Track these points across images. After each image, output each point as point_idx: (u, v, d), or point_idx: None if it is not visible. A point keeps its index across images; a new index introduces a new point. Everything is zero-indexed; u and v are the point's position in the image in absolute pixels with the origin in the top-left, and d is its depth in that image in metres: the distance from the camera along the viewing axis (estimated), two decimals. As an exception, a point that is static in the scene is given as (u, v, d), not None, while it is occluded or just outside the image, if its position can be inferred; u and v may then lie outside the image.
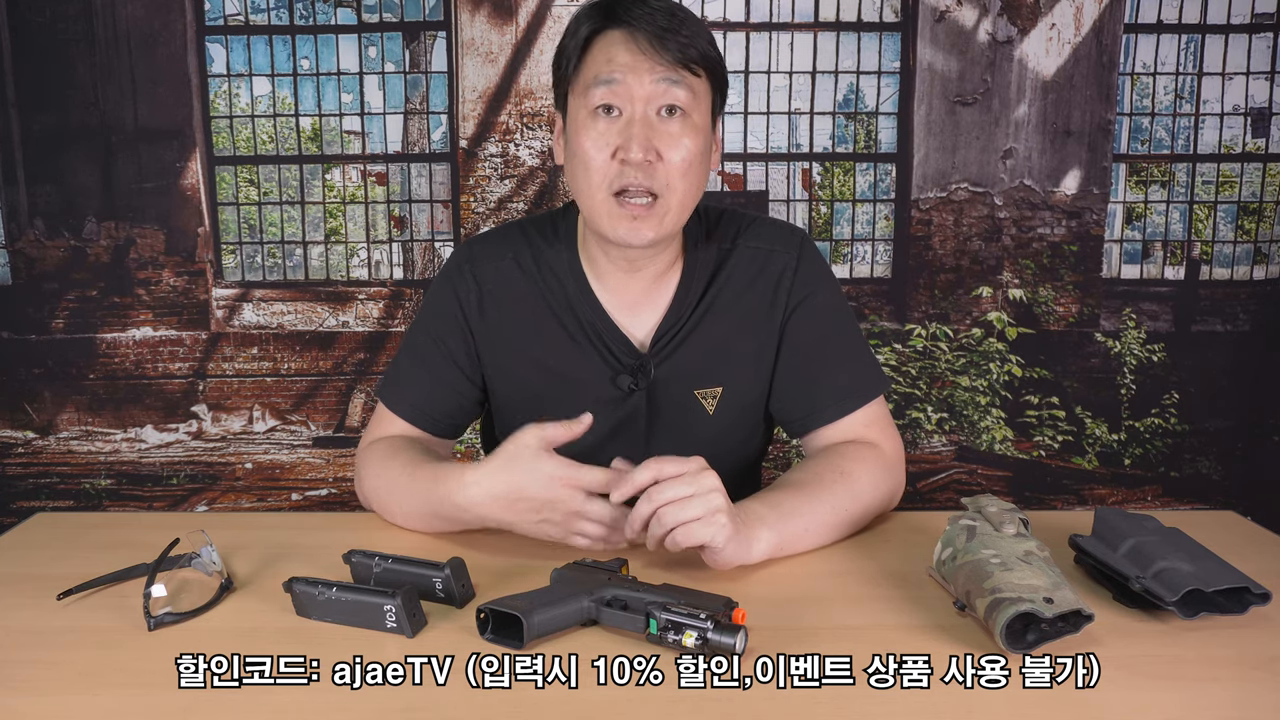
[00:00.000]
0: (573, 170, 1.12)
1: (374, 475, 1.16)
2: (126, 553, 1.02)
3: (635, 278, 1.18)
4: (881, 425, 1.21)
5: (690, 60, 1.06)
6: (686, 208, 1.12)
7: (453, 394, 1.23)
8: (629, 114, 1.07)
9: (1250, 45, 2.81)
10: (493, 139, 2.83)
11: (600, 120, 1.08)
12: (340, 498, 2.96)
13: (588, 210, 1.12)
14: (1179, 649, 0.85)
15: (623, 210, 1.08)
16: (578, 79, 1.10)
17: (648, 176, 1.07)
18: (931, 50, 2.80)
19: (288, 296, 2.90)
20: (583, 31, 1.09)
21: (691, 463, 0.96)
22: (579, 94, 1.10)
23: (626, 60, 1.06)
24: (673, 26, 1.05)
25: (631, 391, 1.19)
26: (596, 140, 1.08)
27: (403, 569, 0.93)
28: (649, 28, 1.05)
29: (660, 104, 1.07)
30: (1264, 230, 2.90)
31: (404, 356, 1.26)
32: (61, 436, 2.90)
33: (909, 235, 2.88)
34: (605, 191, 1.08)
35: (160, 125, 2.78)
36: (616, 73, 1.06)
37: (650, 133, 1.06)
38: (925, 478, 2.95)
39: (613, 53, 1.07)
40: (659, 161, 1.07)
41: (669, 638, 0.82)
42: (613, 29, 1.07)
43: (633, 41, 1.06)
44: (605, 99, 1.07)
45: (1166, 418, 2.94)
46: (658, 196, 1.08)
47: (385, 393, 1.25)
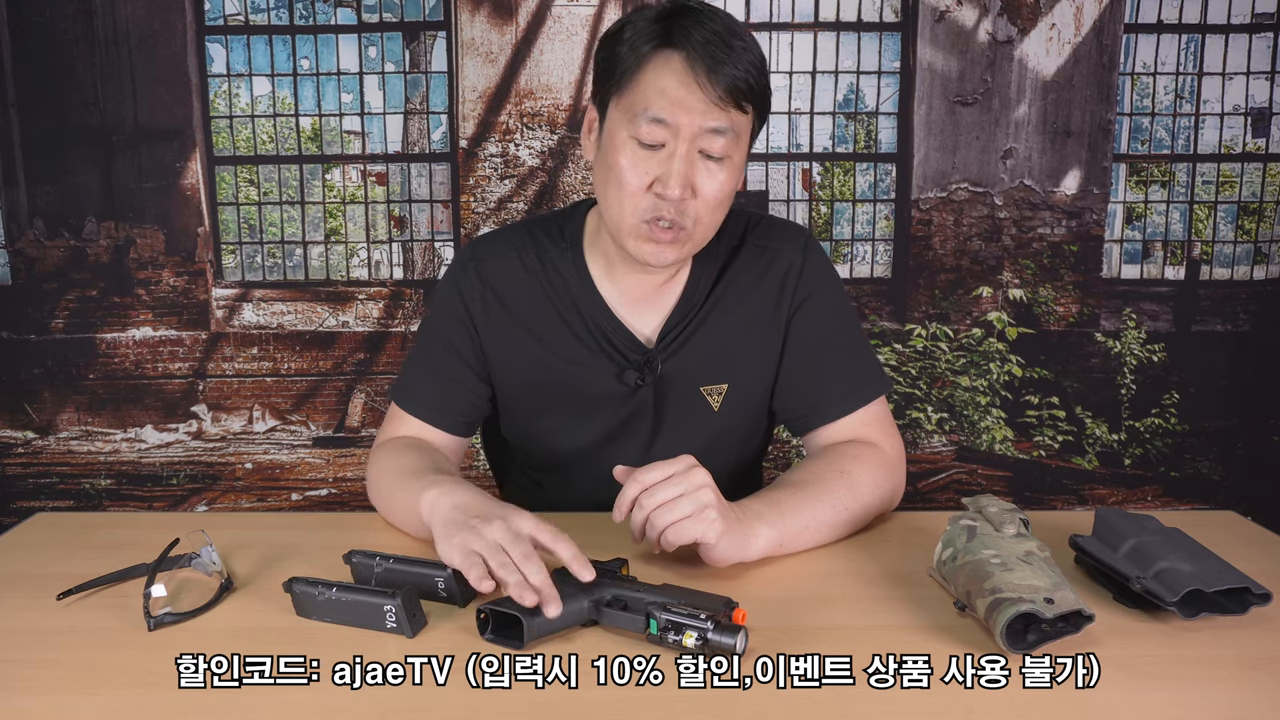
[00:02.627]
0: (604, 182, 1.11)
1: (377, 478, 1.17)
2: (126, 553, 1.02)
3: (647, 279, 1.19)
4: (883, 425, 1.21)
5: (739, 97, 1.05)
6: (708, 236, 1.13)
7: (463, 391, 1.24)
8: (672, 149, 1.06)
9: (1250, 45, 2.81)
10: (493, 139, 2.83)
11: (642, 149, 1.07)
12: (340, 498, 2.96)
13: (614, 225, 1.11)
14: (1179, 649, 0.85)
15: (650, 233, 1.08)
16: (625, 95, 1.07)
17: (680, 213, 1.07)
18: (931, 50, 2.80)
19: (288, 296, 2.90)
20: (643, 49, 1.06)
21: (679, 462, 0.96)
22: (623, 110, 1.07)
23: (678, 96, 1.04)
24: (728, 57, 1.03)
25: (638, 387, 1.20)
26: (636, 167, 1.07)
27: (404, 569, 0.93)
28: (705, 58, 1.03)
29: (703, 146, 1.06)
30: (1264, 230, 2.90)
31: (414, 357, 1.27)
32: (61, 436, 2.90)
33: (909, 235, 2.88)
34: (636, 218, 1.08)
35: (160, 125, 2.78)
36: (666, 112, 1.04)
37: (690, 170, 1.06)
38: (925, 478, 2.95)
39: (665, 84, 1.04)
40: (693, 198, 1.07)
41: (669, 638, 0.82)
42: (670, 50, 1.05)
43: (688, 73, 1.04)
44: (651, 137, 1.05)
45: (1166, 418, 2.94)
46: (684, 228, 1.09)
47: (396, 393, 1.26)
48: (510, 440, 1.34)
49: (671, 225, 1.07)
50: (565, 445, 1.25)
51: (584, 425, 1.23)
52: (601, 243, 1.20)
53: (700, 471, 0.95)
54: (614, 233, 1.12)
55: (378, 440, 1.25)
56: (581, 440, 1.24)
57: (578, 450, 1.25)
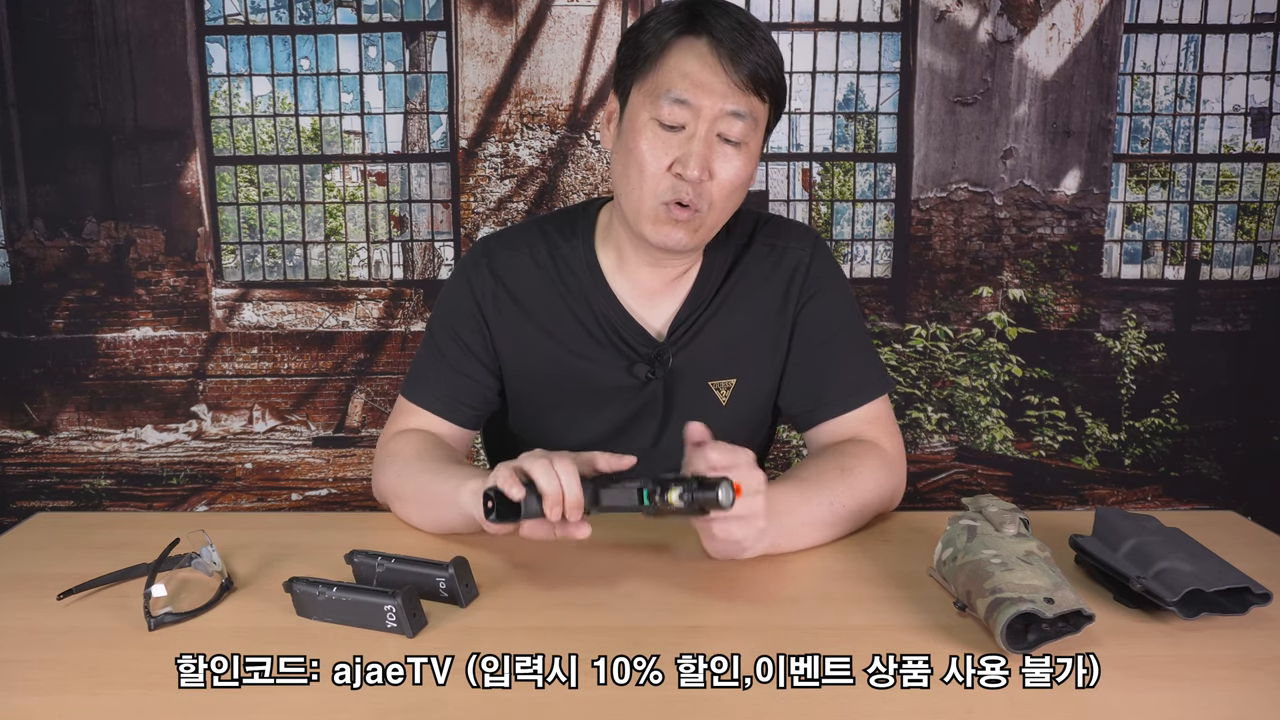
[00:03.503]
0: (624, 166, 1.13)
1: (395, 474, 1.16)
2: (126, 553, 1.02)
3: (658, 272, 1.20)
4: (885, 424, 1.22)
5: (759, 84, 1.08)
6: (721, 223, 1.16)
7: (472, 383, 1.24)
8: (692, 130, 1.08)
9: (1250, 45, 2.81)
10: (492, 139, 2.83)
11: (662, 131, 1.09)
12: (340, 498, 2.96)
13: (632, 209, 1.13)
14: (1179, 649, 0.85)
15: (668, 215, 1.10)
16: (648, 79, 1.10)
17: (697, 195, 1.09)
18: (931, 50, 2.80)
19: (288, 296, 2.90)
20: (666, 35, 1.09)
21: (743, 453, 0.95)
22: (645, 94, 1.10)
23: (701, 79, 1.07)
24: (750, 45, 1.07)
25: (648, 380, 1.21)
26: (656, 148, 1.09)
27: (406, 569, 0.93)
28: (729, 43, 1.06)
29: (722, 130, 1.09)
30: (1264, 230, 2.90)
31: (423, 352, 1.28)
32: (61, 436, 2.90)
33: (909, 235, 2.88)
34: (655, 200, 1.10)
35: (160, 125, 2.78)
36: (688, 93, 1.07)
37: (709, 152, 1.09)
38: (925, 478, 2.95)
39: (688, 67, 1.07)
40: (709, 180, 1.09)
41: (658, 500, 0.86)
42: (693, 37, 1.08)
43: (711, 56, 1.07)
44: (672, 118, 1.08)
45: (1166, 418, 2.94)
46: (699, 210, 1.11)
47: (407, 388, 1.26)
48: (518, 434, 1.34)
49: (687, 206, 1.09)
50: (574, 438, 1.25)
51: (594, 418, 1.24)
52: (614, 236, 1.21)
53: (760, 474, 0.95)
54: (633, 218, 1.14)
55: (385, 435, 1.24)
56: (590, 433, 1.24)
57: (586, 443, 1.24)
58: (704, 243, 1.16)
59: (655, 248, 1.13)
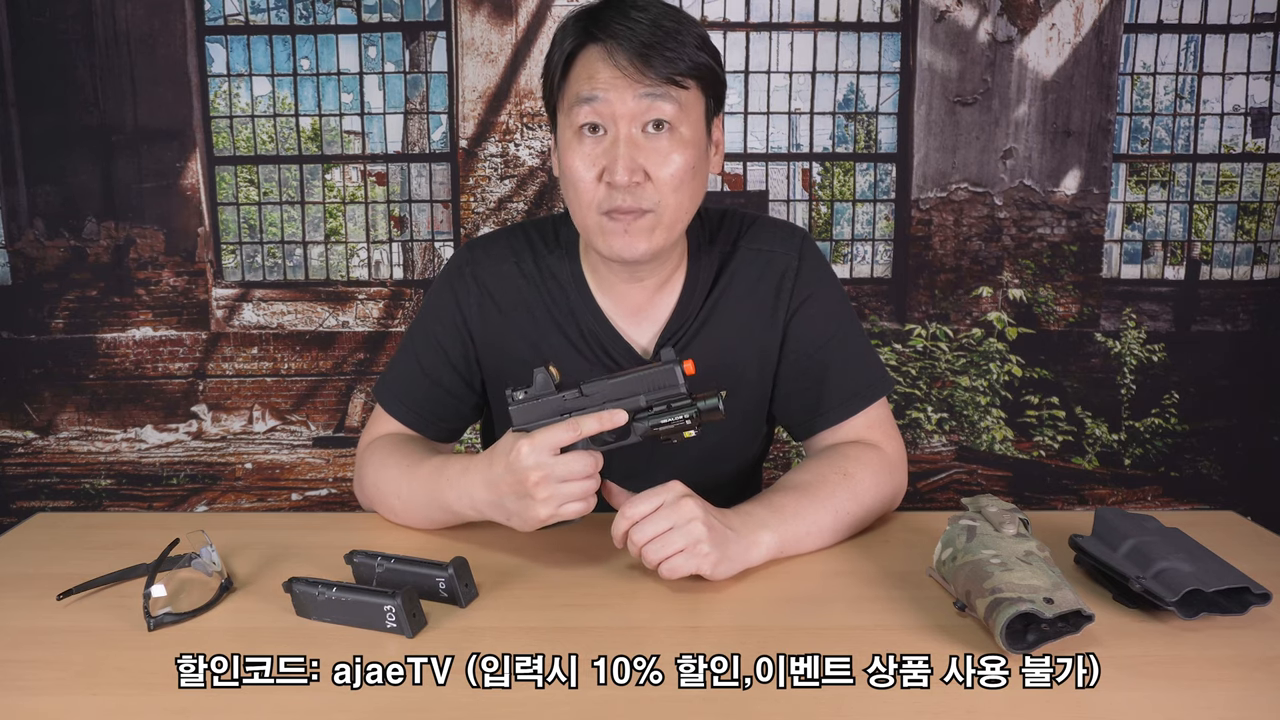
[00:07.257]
0: (565, 188, 1.11)
1: (374, 472, 1.16)
2: (126, 553, 1.02)
3: (638, 287, 1.17)
4: (884, 426, 1.21)
5: (676, 74, 1.03)
6: (680, 221, 1.10)
7: (449, 397, 1.23)
8: (613, 134, 1.04)
9: (1250, 45, 2.81)
10: (493, 139, 2.83)
11: (586, 140, 1.06)
12: (340, 498, 2.96)
13: (582, 229, 1.11)
14: (1179, 649, 0.85)
15: (614, 224, 1.07)
16: (563, 96, 1.08)
17: (636, 198, 1.05)
18: (931, 50, 2.80)
19: (288, 296, 2.90)
20: (566, 46, 1.06)
21: (668, 490, 0.96)
22: (565, 111, 1.08)
23: (608, 76, 1.03)
24: (656, 41, 1.02)
25: None
26: (584, 160, 1.06)
27: (405, 569, 0.93)
28: (630, 45, 1.02)
29: (645, 120, 1.04)
30: (1264, 230, 2.90)
31: (402, 357, 1.26)
32: (61, 436, 2.90)
33: (909, 235, 2.88)
34: (595, 212, 1.07)
35: (160, 125, 2.78)
36: (599, 90, 1.03)
37: (636, 152, 1.04)
38: (925, 478, 2.95)
39: (594, 69, 1.04)
40: (647, 181, 1.05)
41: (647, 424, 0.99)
42: (594, 45, 1.05)
43: (613, 54, 1.03)
44: (589, 118, 1.04)
45: (1166, 418, 2.94)
46: (649, 211, 1.06)
47: (382, 393, 1.25)
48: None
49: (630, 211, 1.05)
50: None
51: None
52: (591, 254, 1.19)
53: (689, 502, 0.95)
54: (586, 238, 1.12)
55: (364, 440, 1.25)
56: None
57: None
58: (668, 243, 1.11)
59: (616, 260, 1.10)
